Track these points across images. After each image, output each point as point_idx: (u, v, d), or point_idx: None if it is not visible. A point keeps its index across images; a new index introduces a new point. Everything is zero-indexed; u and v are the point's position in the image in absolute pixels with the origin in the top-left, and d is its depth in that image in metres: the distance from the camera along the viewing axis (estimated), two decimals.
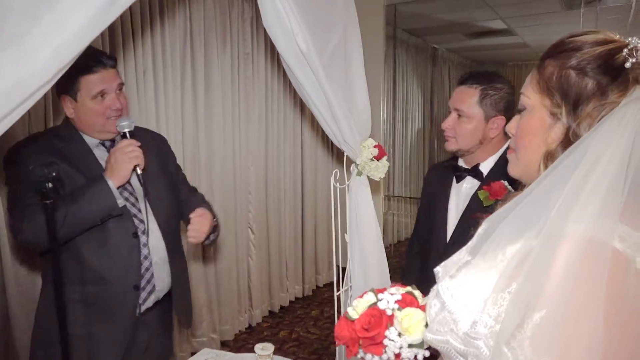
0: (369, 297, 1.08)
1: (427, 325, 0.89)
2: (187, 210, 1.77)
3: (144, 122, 2.74)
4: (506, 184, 1.54)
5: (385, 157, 2.25)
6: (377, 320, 1.02)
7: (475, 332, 0.71)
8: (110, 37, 2.58)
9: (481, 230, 0.81)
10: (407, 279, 1.82)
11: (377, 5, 4.16)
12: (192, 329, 3.27)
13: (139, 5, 2.74)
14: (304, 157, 4.29)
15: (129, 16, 2.68)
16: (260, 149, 3.78)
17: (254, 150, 3.72)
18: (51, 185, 1.19)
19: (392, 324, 1.01)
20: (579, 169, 0.70)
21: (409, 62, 4.66)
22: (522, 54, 4.46)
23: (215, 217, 1.81)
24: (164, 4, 2.91)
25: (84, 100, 1.56)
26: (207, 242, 1.82)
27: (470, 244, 0.83)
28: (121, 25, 2.64)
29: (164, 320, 1.81)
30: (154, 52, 2.88)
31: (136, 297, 1.61)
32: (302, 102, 2.10)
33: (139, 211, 1.64)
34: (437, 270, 0.89)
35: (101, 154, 1.64)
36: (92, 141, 1.65)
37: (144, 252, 1.63)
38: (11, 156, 1.55)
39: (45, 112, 2.32)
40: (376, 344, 1.01)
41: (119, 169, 1.53)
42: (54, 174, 1.19)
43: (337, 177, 2.25)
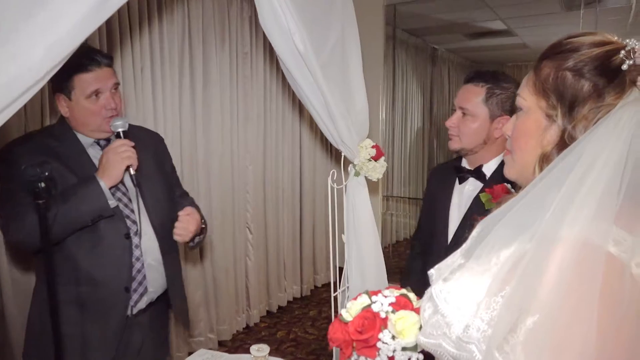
0: (363, 299, 1.08)
1: (421, 328, 0.88)
2: (177, 211, 1.74)
3: (141, 120, 2.73)
4: (509, 186, 1.52)
5: (382, 158, 2.25)
6: (371, 322, 1.01)
7: (467, 336, 0.70)
8: (107, 35, 2.57)
9: (475, 232, 0.81)
10: (408, 280, 1.81)
11: (377, 5, 4.15)
12: (190, 329, 3.26)
13: (137, 2, 2.72)
14: (302, 157, 4.28)
15: (126, 13, 2.67)
16: (258, 148, 3.77)
17: (252, 149, 3.71)
18: (44, 184, 1.17)
19: (385, 327, 1.01)
20: (574, 171, 0.69)
21: (409, 63, 4.64)
22: (522, 55, 4.45)
23: (202, 219, 1.79)
24: (162, 1, 2.89)
25: (79, 99, 1.54)
26: (192, 244, 1.80)
27: (464, 246, 0.82)
28: (119, 22, 2.62)
29: (158, 322, 1.79)
30: (152, 50, 2.87)
31: (127, 298, 1.60)
32: (300, 101, 2.09)
33: (131, 212, 1.62)
34: (431, 272, 0.88)
35: (96, 154, 1.62)
36: (87, 140, 1.63)
37: (136, 254, 1.61)
38: (3, 155, 1.53)
39: (42, 111, 2.31)
40: (369, 346, 1.00)
41: (111, 169, 1.52)
42: (46, 174, 1.17)
43: (335, 178, 2.24)
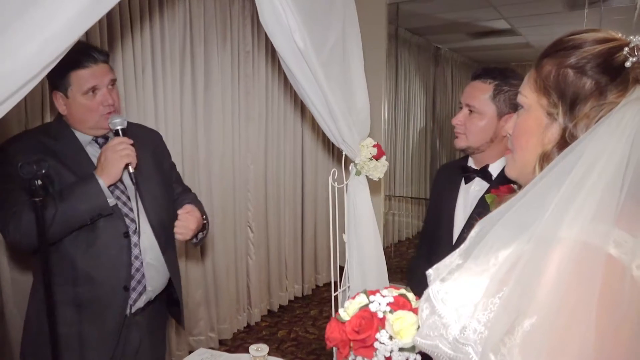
0: (361, 298, 1.07)
1: (419, 328, 0.87)
2: (177, 208, 1.73)
3: (142, 119, 2.72)
4: (515, 187, 1.50)
5: (384, 157, 2.23)
6: (368, 322, 1.00)
7: (464, 338, 0.69)
8: (108, 33, 2.56)
9: (474, 232, 0.79)
10: (412, 280, 1.80)
11: (380, 3, 4.13)
12: (190, 328, 3.26)
13: (139, 0, 2.72)
14: (304, 156, 4.27)
15: (128, 12, 2.66)
16: (259, 147, 3.76)
17: (254, 148, 3.70)
18: (40, 182, 1.16)
19: (383, 327, 1.00)
20: (574, 171, 0.68)
21: (411, 62, 4.62)
22: (525, 54, 4.42)
23: (204, 216, 1.78)
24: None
25: (75, 96, 1.53)
26: (194, 242, 1.79)
27: (462, 246, 0.81)
28: (120, 21, 2.62)
29: (156, 320, 1.78)
30: (153, 48, 2.86)
31: (126, 297, 1.59)
32: (302, 100, 2.08)
33: (130, 210, 1.61)
34: (429, 272, 0.87)
35: (94, 151, 1.61)
36: (85, 138, 1.62)
37: (135, 252, 1.60)
38: None
39: (42, 108, 2.30)
40: (367, 346, 0.99)
41: (110, 167, 1.50)
42: (43, 171, 1.16)
43: (336, 177, 2.22)
